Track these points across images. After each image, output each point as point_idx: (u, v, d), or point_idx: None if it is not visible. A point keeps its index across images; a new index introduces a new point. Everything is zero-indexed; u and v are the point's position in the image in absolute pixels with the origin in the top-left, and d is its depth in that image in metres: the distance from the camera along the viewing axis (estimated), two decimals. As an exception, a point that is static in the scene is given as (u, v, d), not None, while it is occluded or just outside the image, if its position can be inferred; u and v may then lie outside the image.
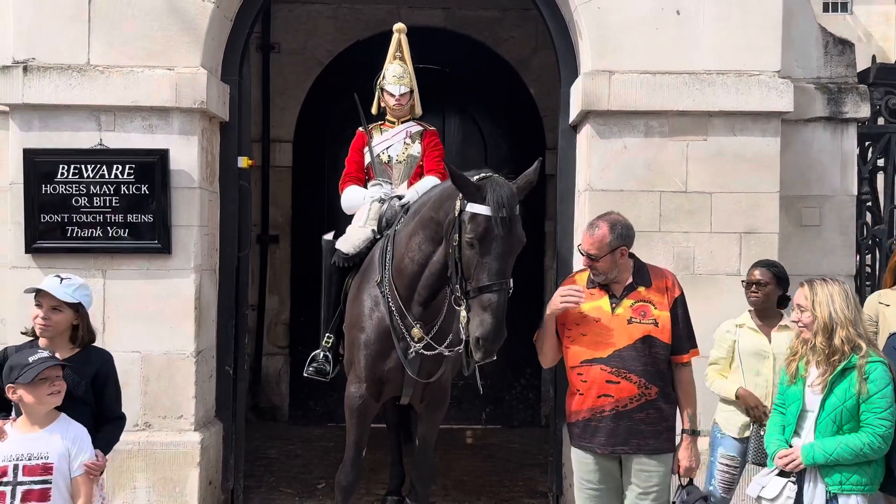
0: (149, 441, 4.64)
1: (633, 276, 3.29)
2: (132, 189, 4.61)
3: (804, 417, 3.17)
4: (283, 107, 7.41)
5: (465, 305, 3.26)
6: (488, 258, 3.20)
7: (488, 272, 3.20)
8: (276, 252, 7.46)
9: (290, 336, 7.38)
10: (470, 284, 3.24)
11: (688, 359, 3.29)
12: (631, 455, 3.24)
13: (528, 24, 7.09)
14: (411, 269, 3.76)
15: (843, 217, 4.91)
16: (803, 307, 3.16)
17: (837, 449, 3.05)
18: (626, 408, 3.19)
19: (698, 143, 4.56)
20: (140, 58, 4.63)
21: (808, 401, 3.16)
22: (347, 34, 7.32)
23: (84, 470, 2.96)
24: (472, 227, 3.23)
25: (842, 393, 3.08)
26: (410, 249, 3.76)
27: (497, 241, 3.21)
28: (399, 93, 4.66)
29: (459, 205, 3.32)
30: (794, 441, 3.18)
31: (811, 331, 3.14)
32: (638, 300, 3.24)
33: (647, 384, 3.18)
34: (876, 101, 4.98)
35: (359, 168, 4.71)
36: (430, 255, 3.67)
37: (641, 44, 4.57)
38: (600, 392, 3.20)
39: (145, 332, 4.63)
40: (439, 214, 3.56)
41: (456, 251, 3.31)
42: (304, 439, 6.76)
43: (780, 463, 3.15)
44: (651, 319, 3.21)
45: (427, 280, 3.73)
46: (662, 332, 3.22)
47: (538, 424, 7.18)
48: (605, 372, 3.19)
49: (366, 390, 3.97)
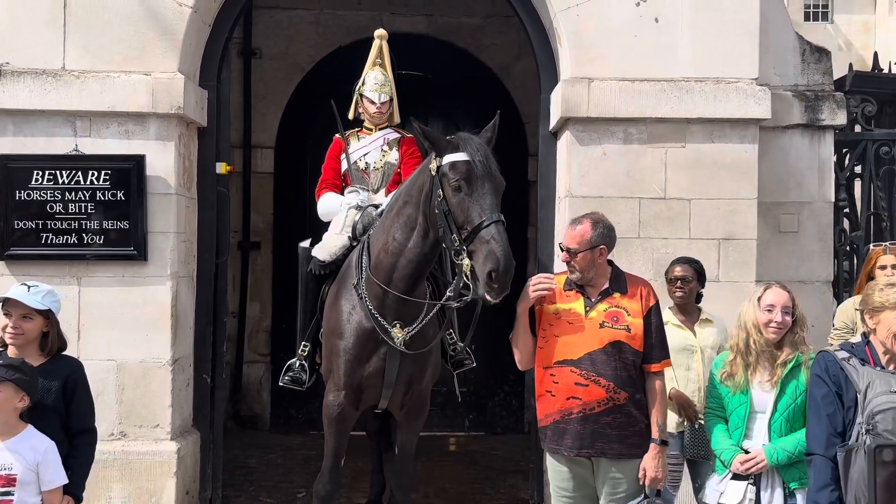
0: (124, 450, 4.58)
1: (610, 282, 3.28)
2: (108, 195, 4.57)
3: (753, 419, 3.21)
4: (264, 112, 7.38)
5: (465, 253, 3.24)
6: (477, 197, 3.25)
7: (481, 209, 3.23)
8: (258, 259, 7.42)
9: (271, 343, 7.33)
10: (465, 229, 3.25)
11: (658, 368, 3.28)
12: (600, 460, 3.23)
13: (510, 31, 7.10)
14: (387, 262, 3.74)
15: (821, 223, 4.94)
16: (789, 309, 3.18)
17: (797, 446, 3.09)
18: (594, 411, 3.17)
19: (677, 149, 4.57)
20: (116, 63, 4.59)
21: (757, 402, 3.20)
22: (329, 40, 7.31)
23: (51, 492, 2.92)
24: (453, 173, 3.29)
25: (792, 391, 3.15)
26: (385, 243, 3.76)
27: (482, 180, 3.27)
28: (380, 101, 4.64)
29: (435, 164, 3.37)
30: (745, 444, 3.22)
31: (783, 333, 3.16)
32: (612, 305, 3.24)
33: (617, 389, 3.17)
34: (852, 108, 5.01)
35: (335, 175, 4.68)
36: (405, 243, 3.68)
37: (620, 51, 4.59)
38: (569, 394, 3.19)
39: (121, 340, 4.59)
40: (413, 193, 3.61)
41: (443, 205, 3.32)
42: (285, 448, 6.70)
43: (742, 468, 3.15)
44: (623, 325, 3.21)
45: (404, 270, 3.70)
46: (634, 339, 3.21)
47: (521, 431, 7.16)
48: (574, 374, 3.18)
49: (344, 398, 3.94)
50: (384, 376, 3.89)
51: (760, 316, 3.20)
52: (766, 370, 3.20)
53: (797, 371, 3.17)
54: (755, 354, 3.19)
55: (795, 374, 3.17)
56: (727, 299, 4.47)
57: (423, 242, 3.64)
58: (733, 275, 4.54)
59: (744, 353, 3.21)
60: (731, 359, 3.26)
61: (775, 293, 3.21)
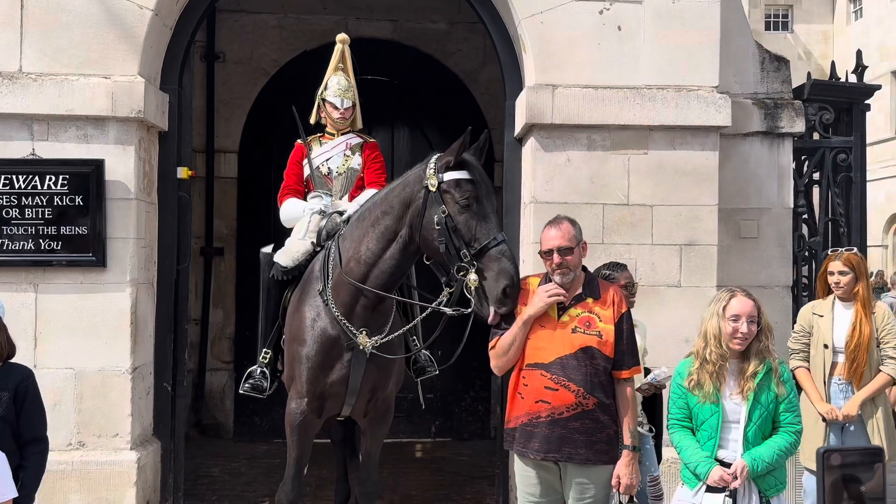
0: (83, 461, 4.50)
1: (584, 288, 3.29)
2: (66, 200, 4.48)
3: (727, 429, 3.15)
4: (228, 117, 7.31)
5: (474, 269, 3.30)
6: (483, 217, 3.37)
7: (488, 228, 3.35)
8: (221, 265, 7.33)
9: (234, 351, 7.25)
10: (473, 247, 3.32)
11: (628, 374, 3.29)
12: (567, 466, 3.23)
13: (476, 38, 7.13)
14: (358, 271, 3.73)
15: (781, 229, 5.02)
16: (755, 318, 3.14)
17: (774, 455, 3.09)
18: (562, 416, 3.17)
19: (639, 156, 4.62)
20: (75, 66, 4.51)
21: (730, 412, 3.14)
22: (293, 44, 7.26)
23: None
24: (459, 192, 3.40)
25: (765, 399, 3.13)
26: (358, 252, 3.75)
27: (486, 199, 3.41)
28: (344, 106, 4.61)
29: (435, 179, 3.44)
30: (720, 454, 3.15)
31: (748, 343, 3.14)
32: (585, 311, 3.24)
33: (586, 394, 3.17)
34: (810, 116, 5.10)
35: (298, 180, 4.64)
36: (380, 254, 3.69)
37: (584, 58, 4.62)
38: (538, 398, 3.19)
39: (79, 347, 4.50)
40: (395, 206, 3.64)
41: (447, 222, 3.38)
42: (248, 456, 6.62)
43: (722, 481, 3.08)
44: (595, 331, 3.21)
45: (376, 280, 3.70)
46: (605, 345, 3.21)
47: (487, 437, 7.17)
48: (544, 378, 3.18)
49: (307, 406, 3.90)
50: (348, 384, 3.86)
51: (725, 326, 3.13)
52: (735, 380, 3.15)
53: (768, 379, 3.13)
54: (713, 364, 3.15)
55: (766, 383, 3.13)
56: (689, 304, 4.53)
57: (401, 255, 3.67)
58: (695, 280, 4.59)
59: (704, 362, 3.17)
60: (697, 366, 3.20)
61: (741, 302, 3.14)
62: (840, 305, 4.23)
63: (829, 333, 4.21)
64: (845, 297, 4.21)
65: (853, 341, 4.12)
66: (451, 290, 3.49)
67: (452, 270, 3.38)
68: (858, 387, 4.13)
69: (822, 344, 4.22)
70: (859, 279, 4.20)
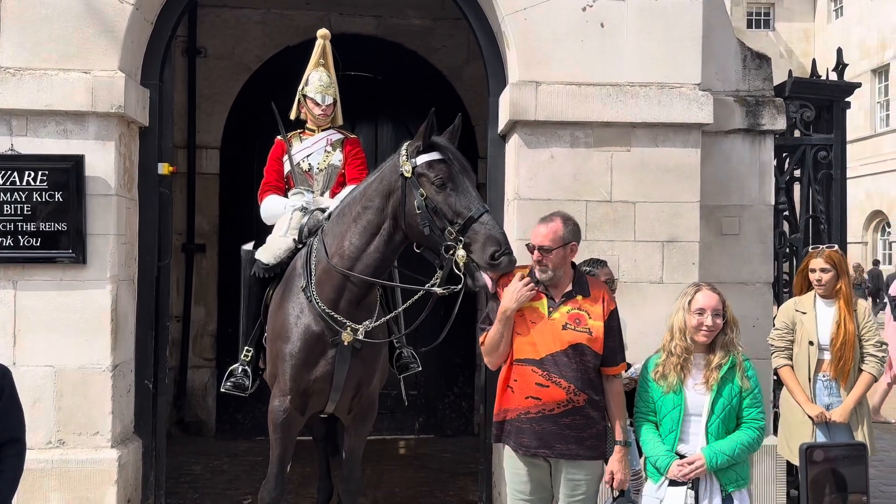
0: (63, 459, 4.45)
1: (573, 285, 3.30)
2: (45, 196, 4.43)
3: (687, 422, 3.19)
4: (209, 112, 7.26)
5: (461, 245, 3.30)
6: (461, 192, 3.38)
7: (468, 202, 3.36)
8: (203, 261, 7.28)
9: (216, 348, 7.20)
10: (456, 223, 3.33)
11: (617, 371, 3.32)
12: (558, 462, 3.24)
13: (460, 34, 7.11)
14: (342, 267, 3.72)
15: (762, 226, 5.04)
16: (719, 311, 3.20)
17: (736, 448, 3.13)
18: (553, 412, 3.19)
19: (622, 153, 4.63)
20: (54, 60, 4.46)
21: (692, 405, 3.19)
22: (276, 40, 7.22)
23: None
24: (434, 172, 3.42)
25: (728, 393, 3.17)
26: (341, 247, 3.74)
27: (461, 175, 3.44)
28: (325, 103, 4.59)
29: (409, 166, 3.46)
30: (680, 448, 3.19)
31: (714, 335, 3.18)
32: (575, 308, 3.25)
33: (577, 391, 3.19)
34: (791, 113, 5.13)
35: (278, 177, 4.62)
36: (364, 248, 3.69)
37: (567, 55, 4.62)
38: (528, 393, 3.21)
39: (59, 345, 4.45)
40: (374, 200, 3.64)
41: (426, 204, 3.38)
42: (230, 454, 6.59)
43: (681, 474, 3.12)
44: (585, 328, 3.23)
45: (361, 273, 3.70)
46: (595, 342, 3.23)
47: (471, 433, 7.17)
48: (535, 374, 3.20)
49: (290, 403, 3.89)
50: (332, 381, 3.85)
51: (690, 320, 3.21)
52: (700, 372, 3.20)
53: (732, 373, 3.19)
54: (678, 357, 3.20)
55: (730, 377, 3.18)
56: (670, 301, 4.48)
57: (385, 247, 3.68)
58: (677, 276, 4.60)
59: (669, 355, 3.24)
60: (663, 358, 3.27)
61: (705, 296, 3.22)
62: (822, 302, 4.26)
63: (813, 330, 4.22)
64: (826, 294, 4.24)
65: (839, 339, 4.14)
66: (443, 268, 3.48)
67: (441, 251, 3.39)
68: (845, 384, 4.15)
69: (806, 341, 4.23)
70: (841, 276, 4.23)
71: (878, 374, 4.16)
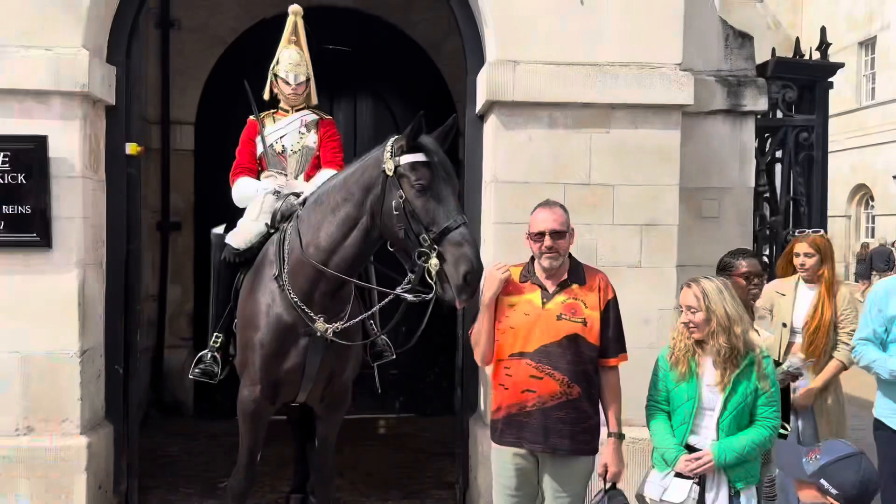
0: (31, 447, 4.37)
1: (569, 274, 3.22)
2: (8, 178, 4.30)
3: (700, 415, 3.14)
4: (183, 87, 7.09)
5: (434, 254, 3.20)
6: (441, 199, 3.27)
7: (447, 211, 3.24)
8: (178, 240, 7.17)
9: (193, 328, 7.10)
10: (431, 231, 3.22)
11: (616, 363, 3.23)
12: (546, 458, 3.17)
13: (440, 7, 6.85)
14: (318, 258, 3.63)
15: (742, 209, 4.99)
16: (694, 307, 3.13)
17: (746, 446, 3.08)
18: (547, 405, 3.11)
19: (601, 135, 4.53)
20: (14, 37, 4.30)
21: (706, 400, 3.14)
22: (252, 12, 7.03)
23: None
24: (415, 175, 3.30)
25: (743, 390, 3.11)
26: (318, 238, 3.64)
27: (444, 182, 3.31)
28: (296, 82, 4.46)
29: (391, 164, 3.33)
30: (691, 440, 3.15)
31: (703, 331, 3.12)
32: (570, 297, 3.17)
33: (570, 383, 3.11)
34: (774, 94, 5.06)
35: (251, 159, 4.50)
36: (341, 241, 3.59)
37: (546, 34, 4.50)
38: (524, 387, 3.14)
39: (26, 330, 4.35)
40: (354, 192, 3.53)
41: (405, 206, 3.28)
42: (208, 435, 6.54)
43: (688, 467, 3.08)
44: (580, 318, 3.15)
45: (336, 266, 3.61)
46: (590, 332, 3.15)
47: (452, 413, 7.11)
48: (530, 367, 3.13)
49: (260, 393, 3.82)
50: (304, 371, 3.78)
51: (682, 316, 3.18)
52: (715, 369, 3.12)
53: (750, 370, 3.11)
54: (681, 352, 3.17)
55: (747, 373, 3.11)
56: (649, 285, 4.51)
57: (363, 242, 3.58)
58: (655, 260, 4.55)
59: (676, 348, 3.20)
60: (674, 351, 3.21)
61: (684, 292, 3.19)
62: (804, 286, 4.24)
63: (788, 313, 4.22)
64: (810, 279, 4.22)
65: (813, 322, 4.13)
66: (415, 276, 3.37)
67: (413, 256, 3.30)
68: (814, 369, 4.14)
69: (780, 322, 4.23)
70: (825, 262, 4.20)
71: (849, 363, 4.10)
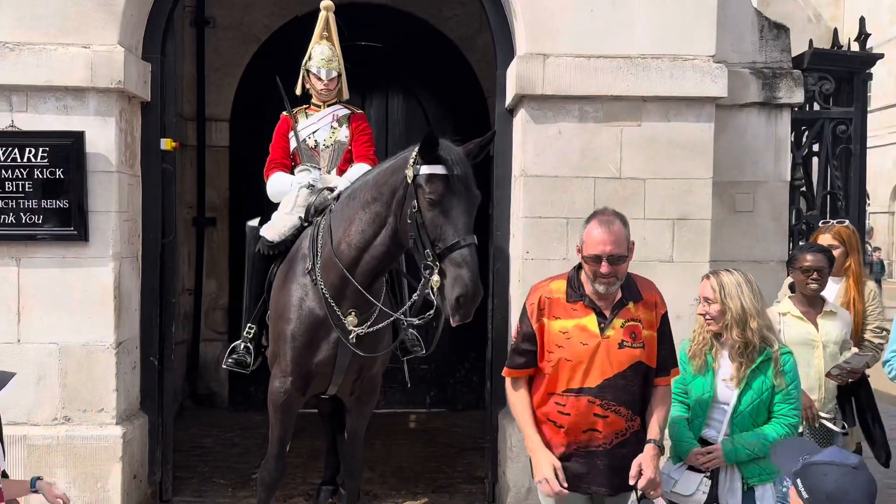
0: (68, 435, 4.48)
1: (623, 290, 2.86)
2: (46, 173, 4.40)
3: (714, 409, 3.11)
4: (219, 84, 7.18)
5: (437, 270, 3.17)
6: (452, 215, 3.20)
7: (455, 229, 3.18)
8: (214, 235, 7.27)
9: (228, 321, 7.20)
10: (438, 246, 3.17)
11: (668, 381, 2.98)
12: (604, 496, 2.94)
13: (472, 3, 6.87)
14: (349, 255, 3.66)
15: (776, 203, 4.90)
16: (711, 299, 3.09)
17: (759, 443, 3.03)
18: (613, 444, 2.83)
19: (632, 128, 4.49)
20: (53, 35, 4.39)
21: (721, 394, 3.10)
22: (286, 9, 7.09)
23: None
24: (429, 187, 3.23)
25: (759, 386, 3.06)
26: (349, 234, 3.66)
27: (458, 197, 3.22)
28: (328, 77, 4.51)
29: (412, 171, 3.30)
30: (705, 432, 3.12)
31: (719, 323, 3.09)
32: (629, 319, 2.83)
33: (633, 416, 2.86)
34: (810, 86, 4.95)
35: (284, 154, 4.55)
36: (371, 239, 3.61)
37: (576, 27, 4.47)
38: (587, 426, 2.82)
39: (63, 322, 4.46)
40: (384, 192, 3.52)
41: (417, 217, 3.26)
42: (242, 426, 6.62)
43: (699, 461, 3.06)
44: (640, 343, 2.83)
45: (367, 264, 3.63)
46: (650, 356, 2.86)
47: (482, 408, 7.10)
48: (593, 405, 2.80)
49: (290, 385, 3.86)
50: (334, 364, 3.81)
51: (699, 307, 3.17)
52: (731, 363, 3.08)
53: (765, 366, 3.06)
54: (699, 345, 3.14)
55: (763, 370, 3.05)
56: (680, 280, 4.45)
57: (390, 242, 3.58)
58: (687, 255, 4.49)
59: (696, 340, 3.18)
60: (694, 343, 3.19)
61: (703, 284, 3.16)
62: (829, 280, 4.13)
63: None
64: (835, 272, 4.10)
65: None
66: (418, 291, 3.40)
67: (420, 267, 3.30)
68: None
69: None
70: (850, 253, 4.07)
71: (872, 362, 3.93)
